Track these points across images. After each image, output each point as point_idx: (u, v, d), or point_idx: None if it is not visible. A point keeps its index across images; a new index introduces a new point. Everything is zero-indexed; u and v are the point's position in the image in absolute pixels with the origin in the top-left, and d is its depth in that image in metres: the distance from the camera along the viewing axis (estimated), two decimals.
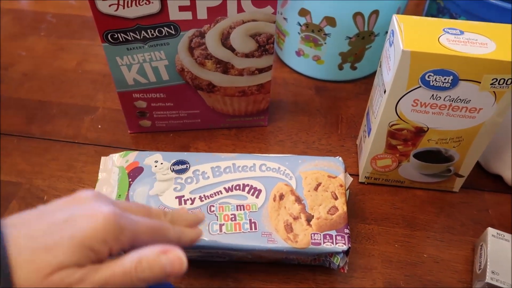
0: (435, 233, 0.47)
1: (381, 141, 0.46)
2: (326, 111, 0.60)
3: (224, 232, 0.39)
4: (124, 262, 0.25)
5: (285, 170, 0.44)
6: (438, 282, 0.43)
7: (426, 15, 0.63)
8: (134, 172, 0.44)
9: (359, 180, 0.51)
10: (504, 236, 0.42)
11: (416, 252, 0.45)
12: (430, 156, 0.46)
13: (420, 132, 0.44)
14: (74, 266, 0.24)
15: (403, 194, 0.50)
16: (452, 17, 0.56)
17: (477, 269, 0.42)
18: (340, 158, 0.45)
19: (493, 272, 0.40)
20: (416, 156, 0.46)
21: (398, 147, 0.46)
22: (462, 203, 0.50)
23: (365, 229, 0.47)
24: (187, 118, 0.54)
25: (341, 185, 0.43)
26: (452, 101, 0.40)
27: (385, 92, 0.42)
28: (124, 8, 0.42)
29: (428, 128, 0.43)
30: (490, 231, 0.43)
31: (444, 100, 0.40)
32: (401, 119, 0.43)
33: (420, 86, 0.39)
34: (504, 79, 0.38)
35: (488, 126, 0.42)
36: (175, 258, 0.26)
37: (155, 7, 0.42)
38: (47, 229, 0.24)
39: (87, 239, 0.24)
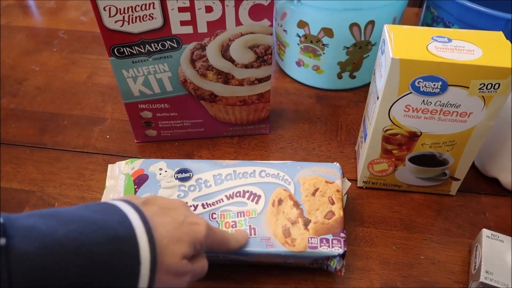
0: (432, 236, 0.48)
1: (377, 146, 0.47)
2: (326, 119, 0.62)
3: None
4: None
5: (284, 176, 0.46)
6: (435, 283, 0.44)
7: (422, 24, 0.65)
8: (140, 179, 0.46)
9: (358, 185, 0.53)
10: (498, 237, 0.43)
11: (413, 254, 0.46)
12: (425, 160, 0.47)
13: (413, 136, 0.45)
14: (188, 256, 0.32)
15: (400, 198, 0.51)
16: (445, 25, 0.58)
17: (472, 269, 0.43)
18: (338, 164, 0.47)
19: (487, 272, 0.41)
20: (412, 160, 0.48)
21: (393, 151, 0.47)
22: (459, 206, 0.51)
23: (363, 232, 0.48)
24: (191, 127, 0.57)
25: (338, 191, 0.44)
26: (443, 106, 0.42)
27: (378, 98, 0.43)
28: (129, 24, 0.44)
29: (421, 132, 0.45)
30: (485, 232, 0.44)
31: (435, 105, 0.42)
32: (394, 124, 0.44)
33: (411, 92, 0.41)
34: (492, 84, 0.39)
35: (480, 130, 0.43)
36: None
37: (158, 22, 0.45)
38: (173, 225, 0.32)
39: (197, 240, 0.33)
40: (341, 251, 0.40)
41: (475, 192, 0.52)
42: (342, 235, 0.41)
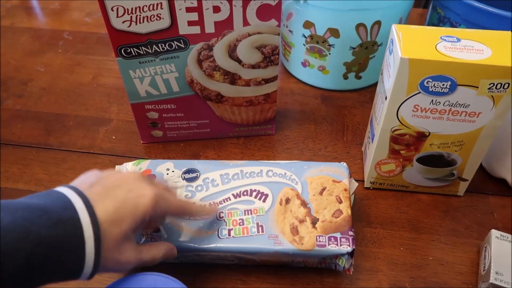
0: (440, 236, 0.47)
1: (385, 146, 0.47)
2: (332, 119, 0.62)
3: (233, 236, 0.41)
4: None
5: (291, 175, 0.46)
6: (443, 284, 0.43)
7: (428, 25, 0.65)
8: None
9: (365, 186, 0.52)
10: (507, 237, 0.43)
11: (421, 254, 0.46)
12: (433, 161, 0.47)
13: (421, 136, 0.45)
14: (131, 233, 0.34)
15: (408, 199, 0.51)
16: (452, 25, 0.58)
17: (481, 270, 0.43)
18: (345, 164, 0.47)
19: (497, 273, 0.40)
20: (419, 160, 0.47)
21: (401, 152, 0.47)
22: (467, 206, 0.50)
23: (371, 232, 0.48)
24: (197, 128, 0.57)
25: (345, 189, 0.44)
26: (452, 105, 0.41)
27: (386, 98, 0.43)
28: (136, 24, 0.44)
29: (429, 132, 0.44)
30: (494, 233, 0.43)
31: (443, 105, 0.42)
32: (402, 124, 0.44)
33: (419, 92, 0.41)
34: (501, 84, 0.39)
35: (488, 130, 0.43)
36: None
37: (165, 22, 0.44)
38: (113, 207, 0.32)
39: (140, 216, 0.34)
40: (349, 249, 0.40)
41: (483, 193, 0.52)
42: (351, 233, 0.41)
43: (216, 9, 0.44)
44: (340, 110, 0.63)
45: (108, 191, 0.33)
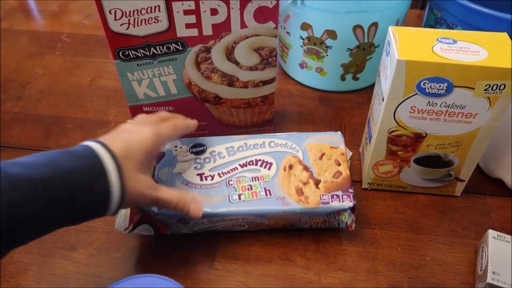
0: (437, 237, 0.48)
1: (382, 148, 0.47)
2: (330, 121, 0.62)
3: (243, 200, 0.44)
4: None
5: (291, 145, 0.48)
6: (441, 284, 0.44)
7: (425, 26, 0.65)
8: (157, 157, 0.48)
9: (362, 187, 0.53)
10: (504, 237, 0.43)
11: (419, 255, 0.46)
12: (430, 161, 0.47)
13: (419, 137, 0.45)
14: (141, 164, 0.39)
15: (405, 199, 0.51)
16: (449, 27, 0.58)
17: (479, 270, 0.43)
18: (340, 133, 0.50)
19: (494, 273, 0.41)
20: (417, 161, 0.48)
21: (399, 153, 0.47)
22: (464, 207, 0.51)
23: (369, 233, 0.48)
24: (195, 130, 0.56)
25: (342, 154, 0.47)
26: (448, 107, 0.42)
27: (383, 100, 0.44)
28: (134, 27, 0.44)
29: (426, 133, 0.45)
30: (491, 233, 0.44)
31: (440, 106, 0.42)
32: (399, 125, 0.44)
33: (416, 94, 0.41)
34: (497, 85, 0.39)
35: (485, 131, 0.43)
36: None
37: (163, 25, 0.45)
38: (124, 146, 0.38)
39: (146, 149, 0.40)
40: (351, 204, 0.43)
41: (480, 193, 0.52)
42: (351, 190, 0.44)
43: (214, 12, 0.44)
44: (338, 111, 0.64)
45: (115, 137, 0.39)
